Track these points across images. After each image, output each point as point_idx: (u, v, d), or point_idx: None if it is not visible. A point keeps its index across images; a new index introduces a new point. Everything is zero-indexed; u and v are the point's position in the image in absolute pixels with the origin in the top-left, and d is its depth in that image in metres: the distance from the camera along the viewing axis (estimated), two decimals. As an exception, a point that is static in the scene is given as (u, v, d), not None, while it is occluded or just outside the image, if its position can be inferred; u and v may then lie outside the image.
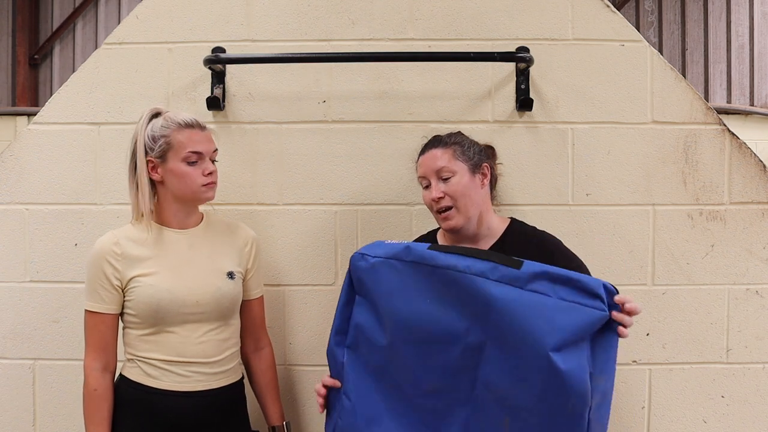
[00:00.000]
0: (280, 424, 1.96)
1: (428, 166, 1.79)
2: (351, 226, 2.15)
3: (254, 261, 1.93)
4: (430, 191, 1.78)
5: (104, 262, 1.75)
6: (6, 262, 2.17)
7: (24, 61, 8.67)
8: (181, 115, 1.79)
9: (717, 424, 2.13)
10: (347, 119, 2.15)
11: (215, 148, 1.83)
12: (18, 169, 2.17)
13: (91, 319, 1.77)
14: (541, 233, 1.86)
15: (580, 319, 1.43)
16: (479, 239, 1.82)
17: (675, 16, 8.64)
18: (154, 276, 1.75)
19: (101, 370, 1.76)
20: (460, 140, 1.81)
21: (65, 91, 2.18)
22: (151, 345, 1.77)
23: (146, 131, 1.77)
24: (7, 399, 2.18)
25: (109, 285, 1.75)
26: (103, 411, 1.75)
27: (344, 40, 2.15)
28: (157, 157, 1.76)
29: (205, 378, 1.79)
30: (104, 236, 1.80)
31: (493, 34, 2.13)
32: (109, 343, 1.78)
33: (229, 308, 1.83)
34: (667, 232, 2.13)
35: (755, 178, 2.12)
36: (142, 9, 2.17)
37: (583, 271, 1.77)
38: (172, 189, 1.79)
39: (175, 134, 1.75)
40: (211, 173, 1.79)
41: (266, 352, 1.98)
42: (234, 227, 1.93)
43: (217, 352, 1.81)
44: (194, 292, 1.77)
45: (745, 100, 8.46)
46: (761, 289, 2.13)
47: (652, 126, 2.13)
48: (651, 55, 2.13)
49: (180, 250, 1.81)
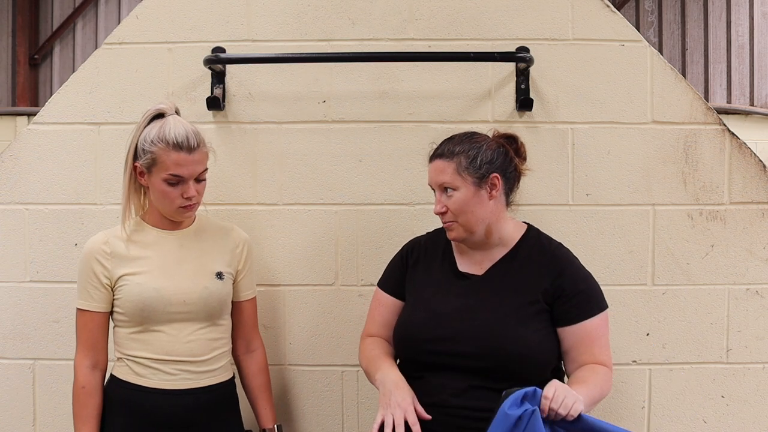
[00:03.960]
0: (271, 427, 1.95)
1: (432, 177, 1.76)
2: (351, 226, 2.15)
3: (245, 262, 1.92)
4: (435, 201, 1.76)
5: (94, 261, 1.78)
6: (6, 262, 2.17)
7: (24, 61, 8.67)
8: (176, 130, 1.73)
9: (717, 424, 2.13)
10: (347, 119, 2.15)
11: (204, 168, 1.79)
12: (18, 169, 2.17)
13: (81, 317, 1.80)
14: (557, 247, 1.80)
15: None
16: (490, 247, 1.77)
17: (675, 16, 8.64)
18: (142, 275, 1.77)
19: (90, 368, 1.79)
20: (468, 149, 1.71)
21: (65, 91, 2.18)
22: (139, 343, 1.78)
23: (142, 135, 1.76)
24: (7, 399, 2.18)
25: (99, 283, 1.78)
26: (90, 408, 1.77)
27: (344, 40, 2.15)
28: (144, 166, 1.76)
29: (193, 377, 1.79)
30: (95, 236, 1.83)
31: (493, 34, 2.13)
32: (98, 341, 1.80)
33: (216, 308, 1.83)
34: (667, 232, 2.13)
35: (755, 178, 2.12)
36: (142, 9, 2.17)
37: (590, 291, 1.74)
38: (154, 199, 1.80)
39: (162, 153, 1.72)
40: (189, 197, 1.76)
41: (258, 354, 1.97)
42: (227, 229, 1.93)
43: (205, 351, 1.81)
44: (181, 291, 1.78)
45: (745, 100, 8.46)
46: (761, 289, 2.13)
47: (652, 126, 2.13)
48: (651, 55, 2.13)
49: (170, 250, 1.82)
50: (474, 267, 1.78)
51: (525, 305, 1.70)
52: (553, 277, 1.72)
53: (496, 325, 1.67)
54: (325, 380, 2.17)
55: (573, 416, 1.50)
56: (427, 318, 1.73)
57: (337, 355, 2.16)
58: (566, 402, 1.50)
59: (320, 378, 2.17)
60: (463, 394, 1.63)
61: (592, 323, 1.71)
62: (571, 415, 1.49)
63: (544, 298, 1.71)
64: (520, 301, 1.70)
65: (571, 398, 1.51)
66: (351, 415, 2.16)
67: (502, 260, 1.77)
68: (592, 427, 1.52)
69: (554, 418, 1.51)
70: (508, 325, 1.67)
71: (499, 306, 1.70)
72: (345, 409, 2.17)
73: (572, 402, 1.50)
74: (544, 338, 1.69)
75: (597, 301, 1.74)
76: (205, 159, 1.79)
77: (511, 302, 1.70)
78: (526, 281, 1.73)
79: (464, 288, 1.75)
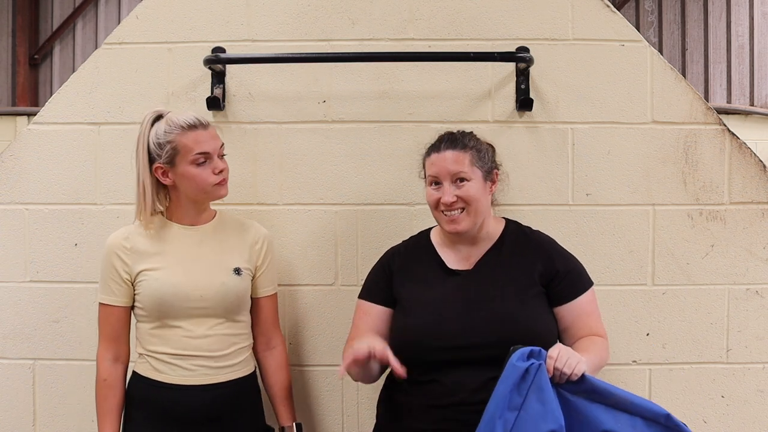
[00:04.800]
0: (289, 425, 1.95)
1: (443, 167, 1.74)
2: (351, 226, 2.15)
3: (265, 258, 1.93)
4: (439, 192, 1.75)
5: (114, 256, 1.82)
6: (6, 262, 2.17)
7: (24, 61, 8.67)
8: (183, 116, 1.80)
9: (717, 424, 2.13)
10: (347, 119, 2.15)
11: (221, 143, 1.85)
12: (18, 169, 2.17)
13: (103, 311, 1.84)
14: (537, 234, 1.87)
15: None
16: (478, 242, 1.81)
17: (675, 16, 8.64)
18: (161, 270, 1.80)
19: (112, 361, 1.83)
20: (477, 144, 1.78)
21: (65, 91, 2.18)
22: (158, 339, 1.81)
23: (150, 137, 1.79)
24: (7, 399, 2.18)
25: (119, 278, 1.81)
26: (112, 400, 1.82)
27: (344, 40, 2.15)
28: (166, 162, 1.79)
29: (211, 372, 1.81)
30: (117, 231, 1.88)
31: (493, 34, 2.13)
32: (120, 335, 1.84)
33: (234, 304, 1.85)
34: (667, 232, 2.12)
35: (755, 178, 2.12)
36: (142, 9, 2.17)
37: (579, 269, 1.82)
38: (185, 191, 1.83)
39: (180, 138, 1.77)
40: (221, 171, 1.82)
41: (278, 352, 1.97)
42: (247, 225, 1.95)
43: (223, 346, 1.83)
44: (199, 286, 1.80)
45: (745, 100, 8.46)
46: (761, 289, 2.13)
47: (652, 126, 2.13)
48: (651, 55, 2.13)
49: (189, 245, 1.84)
50: (462, 263, 1.81)
51: (524, 290, 1.75)
52: (544, 260, 1.79)
53: (502, 312, 1.71)
54: (325, 380, 2.17)
55: (577, 375, 1.54)
56: (429, 317, 1.73)
57: (337, 355, 2.15)
58: (570, 362, 1.54)
59: (320, 378, 2.17)
60: (483, 389, 1.62)
61: (586, 298, 1.80)
62: (575, 374, 1.54)
63: (540, 281, 1.77)
64: (518, 286, 1.75)
65: (575, 359, 1.56)
66: (351, 415, 2.16)
67: (488, 253, 1.80)
68: (596, 389, 1.57)
69: (559, 378, 1.55)
70: (513, 310, 1.71)
71: (499, 294, 1.74)
72: (345, 409, 2.17)
73: (576, 362, 1.55)
74: (547, 319, 1.76)
75: (586, 277, 1.83)
76: (218, 135, 1.86)
77: (510, 289, 1.75)
78: (519, 268, 1.78)
79: (458, 283, 1.77)
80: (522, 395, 1.52)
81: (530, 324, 1.71)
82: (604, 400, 1.58)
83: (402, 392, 1.76)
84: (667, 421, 1.60)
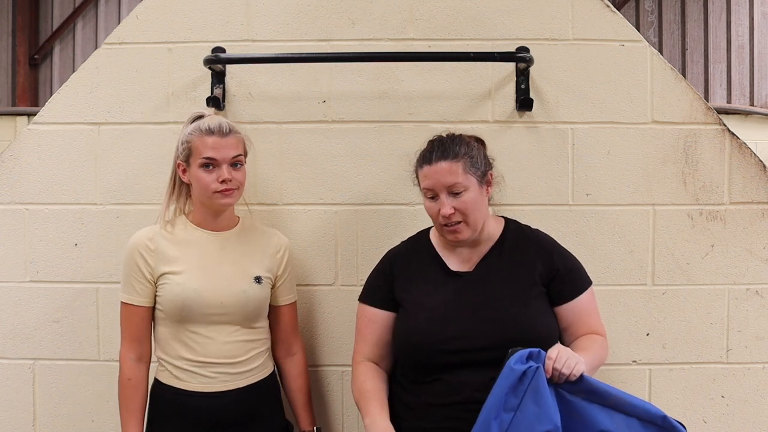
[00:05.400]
0: (310, 429, 1.97)
1: (437, 180, 1.71)
2: (351, 226, 2.15)
3: (285, 268, 1.94)
4: (438, 204, 1.72)
5: (137, 255, 1.82)
6: (6, 262, 2.17)
7: (24, 61, 8.67)
8: (209, 120, 1.82)
9: (717, 424, 2.13)
10: (347, 119, 2.15)
11: (237, 154, 1.83)
12: (18, 169, 2.17)
13: (125, 311, 1.84)
14: (537, 233, 1.87)
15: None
16: (478, 243, 1.81)
17: (675, 16, 8.64)
18: (182, 275, 1.81)
19: (135, 360, 1.84)
20: (468, 151, 1.73)
21: (65, 91, 2.18)
22: (178, 344, 1.82)
23: (182, 134, 1.84)
24: (7, 399, 2.18)
25: (143, 278, 1.82)
26: (137, 400, 1.83)
27: (344, 40, 2.15)
28: (183, 160, 1.83)
29: (230, 378, 1.82)
30: (141, 230, 1.88)
31: (493, 34, 2.13)
32: (143, 335, 1.84)
33: (254, 312, 1.86)
34: (667, 232, 2.13)
35: (755, 178, 2.12)
36: (142, 9, 2.17)
37: (578, 268, 1.84)
38: (194, 193, 1.85)
39: (195, 140, 1.81)
40: (224, 180, 1.80)
41: (298, 358, 1.99)
42: (269, 234, 1.96)
43: (241, 353, 1.84)
44: (220, 293, 1.81)
45: (745, 100, 8.46)
46: (761, 289, 2.13)
47: (652, 126, 2.13)
48: (651, 55, 2.13)
49: (211, 251, 1.85)
50: (463, 264, 1.81)
51: (525, 290, 1.75)
52: (545, 259, 1.79)
53: (505, 313, 1.71)
54: (325, 380, 2.17)
55: (576, 375, 1.55)
56: (434, 320, 1.73)
57: (337, 355, 2.16)
58: (569, 362, 1.55)
59: (320, 378, 2.17)
60: (487, 387, 1.62)
61: (586, 297, 1.81)
62: (573, 374, 1.55)
63: (541, 281, 1.77)
64: (520, 286, 1.76)
65: (574, 359, 1.57)
66: (351, 415, 2.16)
67: (489, 254, 1.80)
68: (594, 389, 1.58)
69: (558, 379, 1.56)
70: (516, 311, 1.72)
71: (501, 295, 1.74)
72: (345, 409, 2.17)
73: (575, 363, 1.56)
74: (549, 319, 1.76)
75: (586, 276, 1.85)
76: (238, 145, 1.84)
77: (512, 289, 1.75)
78: (520, 268, 1.78)
79: (460, 285, 1.77)
80: (519, 397, 1.54)
81: (533, 325, 1.72)
82: (601, 400, 1.59)
83: (405, 392, 1.76)
84: (663, 423, 1.62)
